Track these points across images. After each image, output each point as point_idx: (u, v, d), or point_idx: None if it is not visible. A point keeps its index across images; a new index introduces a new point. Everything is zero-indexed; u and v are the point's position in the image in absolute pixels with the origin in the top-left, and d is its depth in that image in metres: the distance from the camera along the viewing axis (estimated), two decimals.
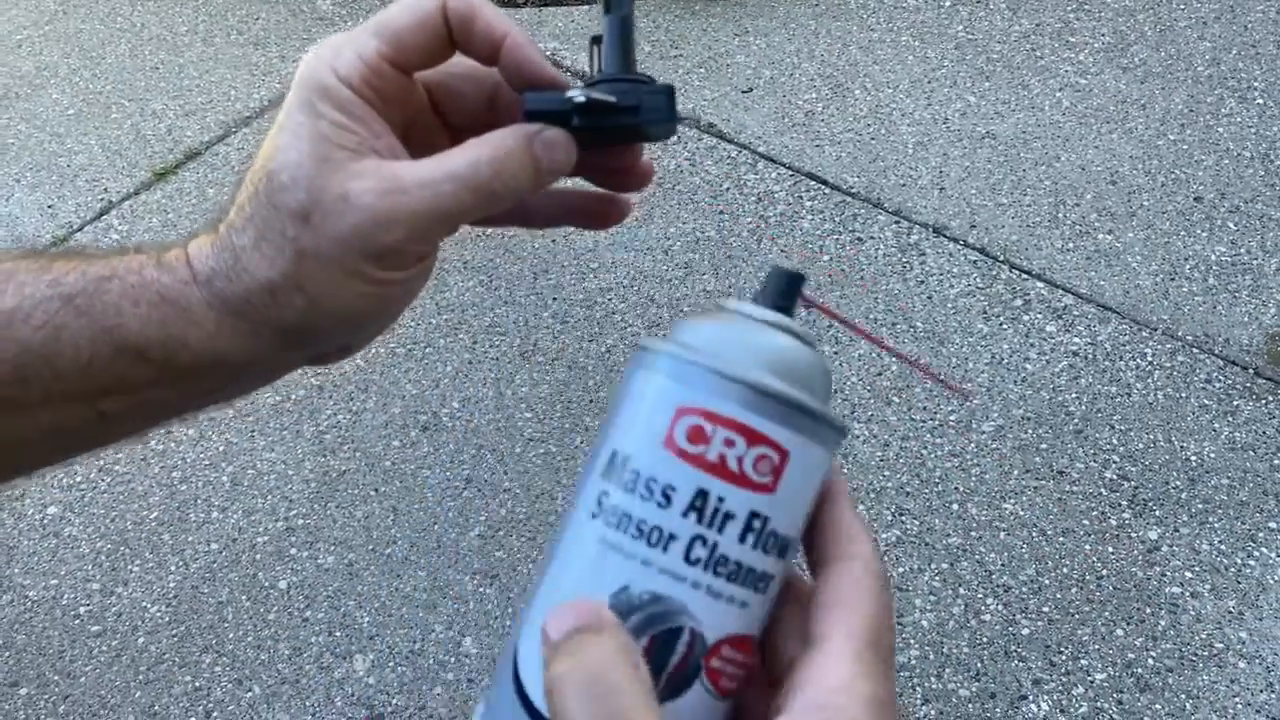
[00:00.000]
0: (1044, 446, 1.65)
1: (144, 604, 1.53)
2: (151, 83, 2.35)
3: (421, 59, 0.43)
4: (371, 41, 0.42)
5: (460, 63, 0.45)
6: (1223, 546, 1.53)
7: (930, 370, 0.44)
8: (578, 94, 0.41)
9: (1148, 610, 1.48)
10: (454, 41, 0.43)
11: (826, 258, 1.95)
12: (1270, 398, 1.70)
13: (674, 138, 2.17)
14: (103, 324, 0.43)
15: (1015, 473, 1.62)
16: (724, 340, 0.36)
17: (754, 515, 0.34)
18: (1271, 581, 1.50)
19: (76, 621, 1.53)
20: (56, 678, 1.48)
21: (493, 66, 0.44)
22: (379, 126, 0.43)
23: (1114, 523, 1.57)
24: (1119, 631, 1.46)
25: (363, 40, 0.43)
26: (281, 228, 0.42)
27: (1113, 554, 1.53)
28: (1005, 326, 1.82)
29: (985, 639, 1.45)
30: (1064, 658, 1.43)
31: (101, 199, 2.10)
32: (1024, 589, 1.50)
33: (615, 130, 0.43)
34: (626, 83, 0.42)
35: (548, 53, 2.38)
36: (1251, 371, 1.74)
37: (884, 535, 1.56)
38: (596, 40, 0.44)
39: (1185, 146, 2.11)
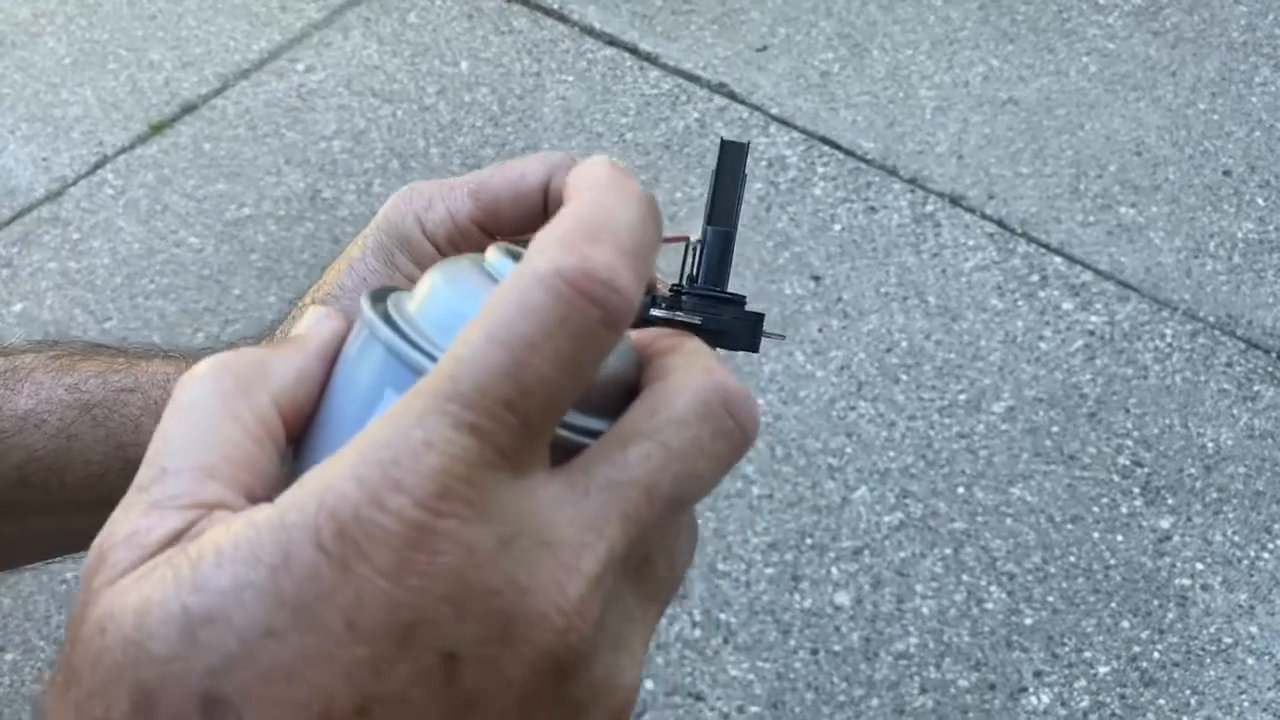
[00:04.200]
0: (1055, 429, 1.60)
1: None
2: (149, 32, 2.29)
3: (512, 228, 0.42)
4: (466, 203, 0.41)
5: None
6: (1236, 538, 1.49)
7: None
8: (661, 313, 0.41)
9: (1156, 602, 1.43)
10: (548, 219, 0.42)
11: (838, 227, 1.89)
12: None
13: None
14: (119, 439, 0.41)
15: (1024, 456, 1.58)
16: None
17: None
18: None
19: (63, 587, 1.51)
20: (42, 643, 1.46)
21: None
22: None
23: (1125, 510, 1.52)
24: (1125, 623, 1.42)
25: (457, 198, 0.41)
26: None
27: (1122, 543, 1.49)
28: (1020, 303, 1.77)
29: (987, 628, 1.42)
30: (1067, 649, 1.40)
31: (96, 152, 2.06)
32: (1029, 577, 1.46)
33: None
34: (715, 300, 0.41)
35: (555, 5, 2.31)
36: (1274, 355, 1.68)
37: (886, 518, 1.52)
38: (694, 244, 0.43)
39: (1216, 117, 2.03)
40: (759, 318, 0.43)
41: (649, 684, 1.37)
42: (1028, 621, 1.42)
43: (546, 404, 0.20)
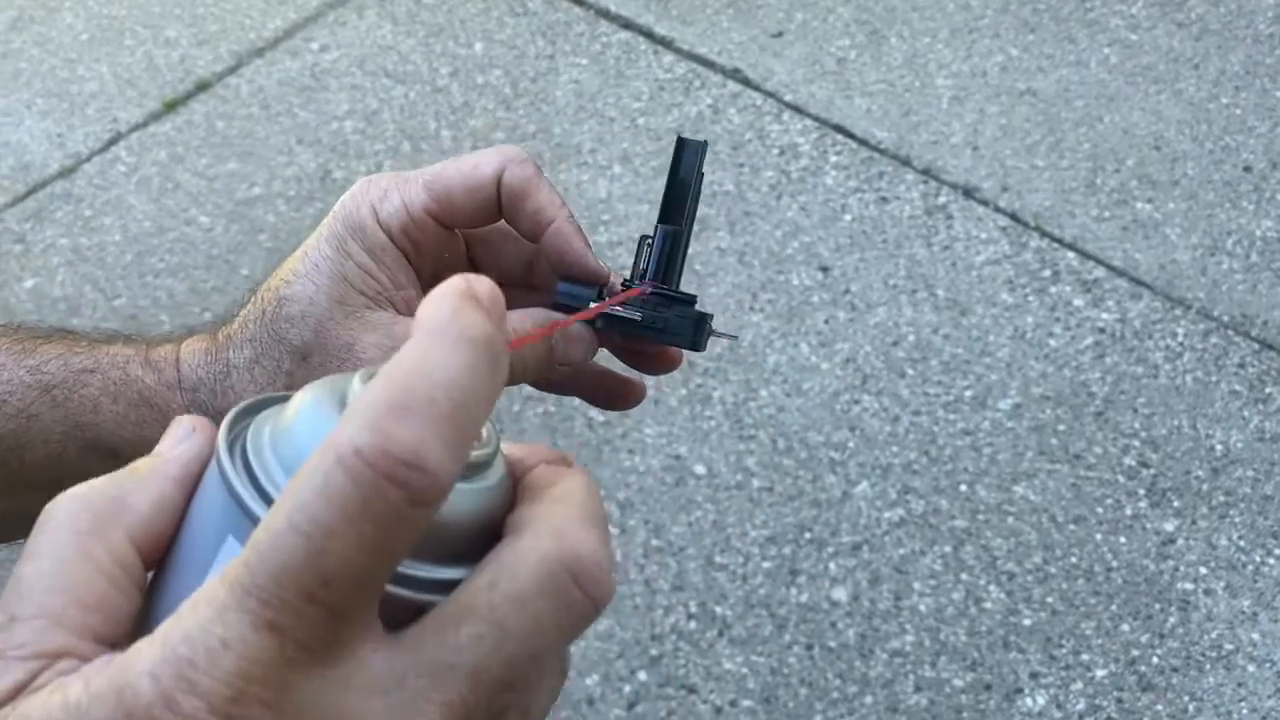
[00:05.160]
0: (1061, 428, 1.59)
1: None
2: (166, 9, 2.29)
3: (467, 220, 0.43)
4: (421, 194, 0.41)
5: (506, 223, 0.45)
6: (1242, 543, 1.47)
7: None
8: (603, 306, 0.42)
9: (1157, 606, 1.42)
10: (502, 212, 0.42)
11: (849, 217, 1.87)
12: None
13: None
14: (77, 419, 0.42)
15: (1029, 454, 1.56)
16: None
17: None
18: None
19: None
20: None
21: (534, 243, 0.43)
22: (404, 277, 0.42)
23: (1129, 512, 1.50)
24: (1125, 627, 1.41)
25: (412, 190, 0.41)
26: (279, 358, 0.41)
27: (1125, 545, 1.48)
28: (1031, 298, 1.75)
29: (984, 628, 1.41)
30: (1065, 651, 1.39)
31: (110, 129, 2.06)
32: (1029, 577, 1.45)
33: (638, 336, 0.43)
34: (662, 297, 0.43)
35: None
36: None
37: (887, 514, 1.51)
38: (646, 239, 0.44)
39: (1238, 111, 1.99)
40: (704, 317, 0.43)
41: (642, 675, 1.37)
42: (1026, 622, 1.41)
43: (353, 589, 0.20)
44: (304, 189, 1.94)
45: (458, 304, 0.21)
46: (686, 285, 0.44)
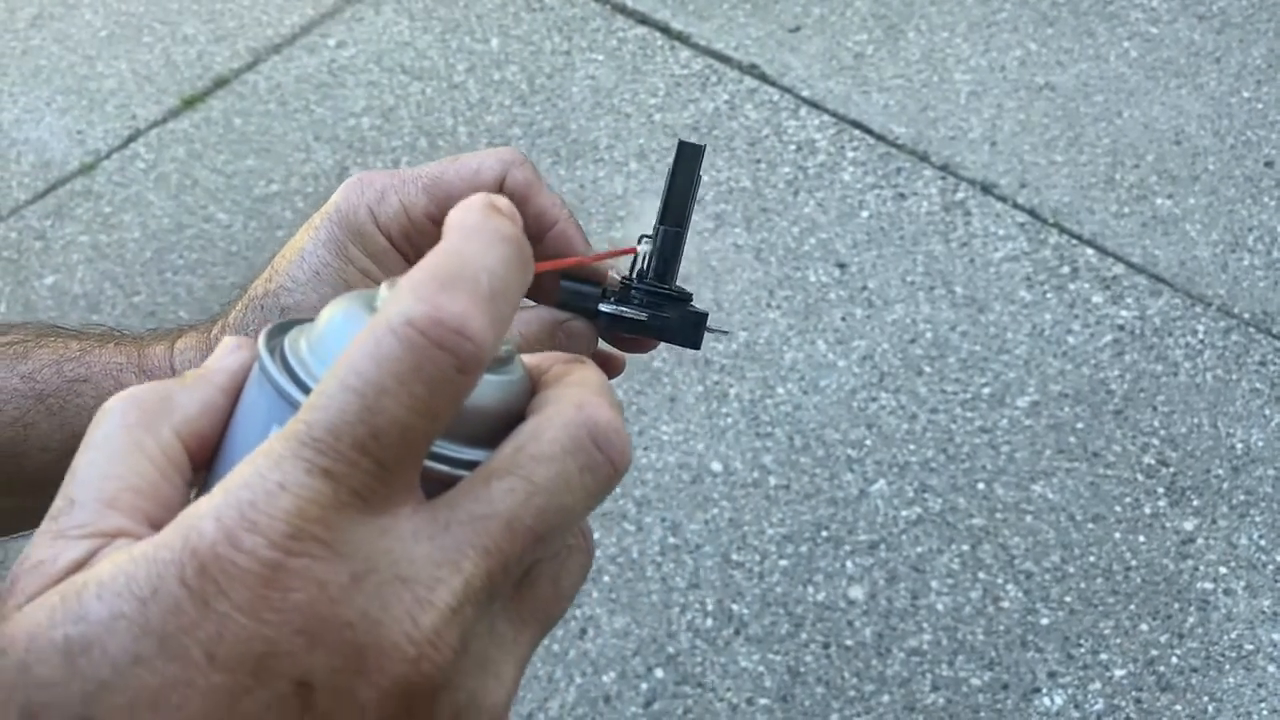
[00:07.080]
0: (1080, 426, 1.58)
1: None
2: (184, 5, 2.30)
3: None
4: (420, 198, 0.41)
5: None
6: (1262, 542, 1.46)
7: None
8: (609, 306, 0.43)
9: (1176, 606, 1.41)
10: None
11: (866, 213, 1.86)
12: None
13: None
14: (74, 428, 0.42)
15: (1047, 453, 1.56)
16: None
17: None
18: None
19: None
20: None
21: (534, 244, 0.44)
22: None
23: (1148, 511, 1.50)
24: (1143, 626, 1.40)
25: (411, 192, 0.42)
26: None
27: (1144, 544, 1.47)
28: (1049, 295, 1.74)
29: (1002, 627, 1.41)
30: (1083, 651, 1.38)
31: (130, 126, 2.07)
32: (1047, 576, 1.45)
33: (638, 335, 0.45)
34: (662, 296, 0.44)
35: None
36: None
37: (904, 513, 1.51)
38: (645, 238, 0.45)
39: (1260, 105, 1.97)
40: (702, 317, 0.45)
41: (659, 673, 1.38)
42: (1044, 621, 1.41)
43: (402, 445, 0.21)
44: (321, 186, 1.95)
45: (487, 210, 0.24)
46: (702, 283, 0.45)
